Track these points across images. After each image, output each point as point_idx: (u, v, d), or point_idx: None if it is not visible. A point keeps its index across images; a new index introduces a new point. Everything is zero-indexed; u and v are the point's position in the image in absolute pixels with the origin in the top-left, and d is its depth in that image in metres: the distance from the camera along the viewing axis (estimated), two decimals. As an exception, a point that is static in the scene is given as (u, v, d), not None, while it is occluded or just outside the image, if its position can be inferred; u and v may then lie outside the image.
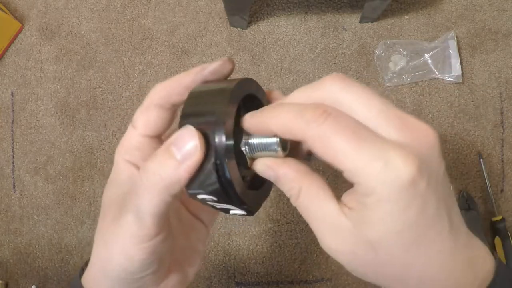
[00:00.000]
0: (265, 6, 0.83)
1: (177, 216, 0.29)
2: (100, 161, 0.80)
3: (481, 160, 0.78)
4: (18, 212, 0.80)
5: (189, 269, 0.29)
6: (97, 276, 0.26)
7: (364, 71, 0.81)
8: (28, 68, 0.83)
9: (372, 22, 0.81)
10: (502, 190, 0.78)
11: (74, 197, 0.79)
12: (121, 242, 0.23)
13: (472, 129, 0.79)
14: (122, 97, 0.82)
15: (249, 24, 0.82)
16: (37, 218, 0.79)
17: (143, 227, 0.23)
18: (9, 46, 0.83)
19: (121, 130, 0.81)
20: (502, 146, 0.79)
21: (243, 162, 0.24)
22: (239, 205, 0.24)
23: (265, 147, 0.23)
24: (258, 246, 0.77)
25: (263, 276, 0.76)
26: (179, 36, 0.83)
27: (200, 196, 0.24)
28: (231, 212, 0.25)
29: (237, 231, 0.77)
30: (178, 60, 0.82)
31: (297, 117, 0.20)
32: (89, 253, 0.84)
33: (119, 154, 0.27)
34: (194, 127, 0.22)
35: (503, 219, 0.75)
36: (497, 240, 0.75)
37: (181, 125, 0.23)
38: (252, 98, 0.25)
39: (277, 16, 0.83)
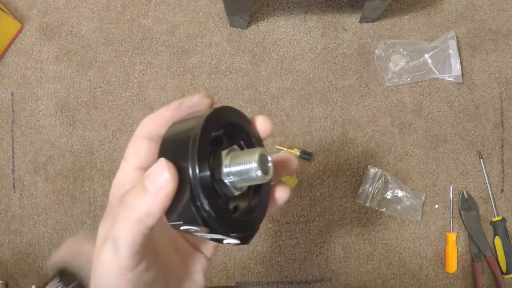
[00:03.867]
0: (265, 6, 0.83)
1: (175, 247, 0.30)
2: (100, 161, 0.80)
3: (481, 160, 0.78)
4: (18, 212, 0.80)
5: None
6: None
7: (364, 71, 0.81)
8: (28, 68, 0.83)
9: (372, 22, 0.81)
10: (502, 190, 0.78)
11: (74, 197, 0.79)
12: (104, 273, 0.24)
13: (472, 129, 0.79)
14: (122, 97, 0.82)
15: (249, 24, 0.82)
16: (37, 218, 0.79)
17: (120, 258, 0.23)
18: (9, 46, 0.83)
19: (121, 130, 0.81)
20: (502, 146, 0.79)
21: (229, 191, 0.24)
22: (227, 235, 0.24)
23: (246, 174, 0.23)
24: (258, 246, 0.77)
25: (263, 276, 0.76)
26: (179, 36, 0.83)
27: (182, 227, 0.24)
28: (224, 242, 0.25)
29: (237, 231, 0.77)
30: (178, 60, 0.82)
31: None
32: (89, 253, 0.83)
33: (113, 189, 0.27)
34: (171, 160, 0.22)
35: (503, 219, 0.75)
36: (497, 240, 0.75)
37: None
38: (235, 125, 0.25)
39: (277, 16, 0.83)
